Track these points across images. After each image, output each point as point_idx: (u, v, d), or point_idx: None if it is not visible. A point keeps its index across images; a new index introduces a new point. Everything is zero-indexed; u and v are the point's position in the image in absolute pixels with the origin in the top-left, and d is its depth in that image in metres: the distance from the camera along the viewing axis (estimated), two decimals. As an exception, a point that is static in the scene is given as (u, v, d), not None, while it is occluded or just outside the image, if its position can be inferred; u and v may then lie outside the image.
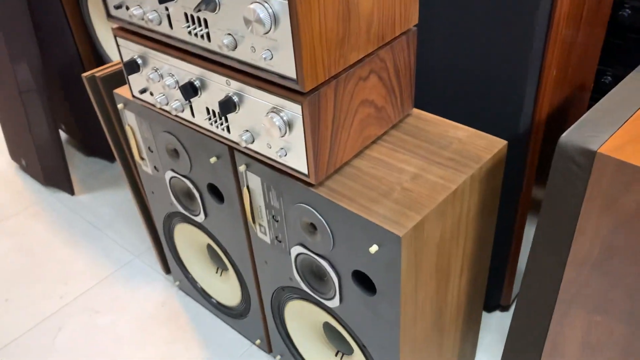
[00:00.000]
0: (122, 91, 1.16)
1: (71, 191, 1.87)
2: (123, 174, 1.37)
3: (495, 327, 1.35)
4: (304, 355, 1.19)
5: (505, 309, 1.39)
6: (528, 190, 1.15)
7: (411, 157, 0.90)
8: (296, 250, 0.97)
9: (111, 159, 2.03)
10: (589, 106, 1.33)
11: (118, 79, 1.27)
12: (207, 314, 1.44)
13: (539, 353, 0.96)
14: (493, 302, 1.36)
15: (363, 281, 0.90)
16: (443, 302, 0.97)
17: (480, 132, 0.95)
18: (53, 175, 1.86)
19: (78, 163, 2.02)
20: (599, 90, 1.31)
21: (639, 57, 1.23)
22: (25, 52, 1.63)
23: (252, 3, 0.71)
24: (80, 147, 2.09)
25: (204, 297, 1.41)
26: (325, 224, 0.87)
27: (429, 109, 1.11)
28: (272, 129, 0.81)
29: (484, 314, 1.38)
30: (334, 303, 0.97)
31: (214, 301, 1.38)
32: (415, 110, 1.02)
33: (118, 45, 1.02)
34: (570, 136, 0.74)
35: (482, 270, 1.06)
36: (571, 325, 0.87)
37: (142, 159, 1.23)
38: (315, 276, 1.00)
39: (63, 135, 2.13)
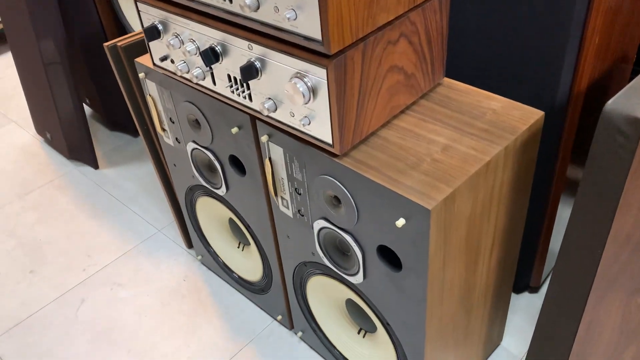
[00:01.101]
0: (143, 60, 1.14)
1: (95, 165, 1.87)
2: (146, 148, 1.36)
3: (524, 309, 1.31)
4: (326, 332, 1.16)
5: (534, 290, 1.34)
6: (563, 165, 1.09)
7: (442, 127, 0.86)
8: (319, 224, 0.93)
9: (135, 133, 2.02)
10: (631, 79, 1.26)
11: (140, 48, 1.25)
12: (229, 289, 1.42)
13: (571, 336, 0.91)
14: (522, 282, 1.31)
15: (388, 257, 0.87)
16: (472, 281, 0.93)
17: (516, 103, 0.89)
18: (77, 149, 1.85)
19: (102, 137, 2.02)
20: None
21: None
22: (49, 25, 1.62)
23: (275, -42, 0.67)
24: (104, 122, 2.09)
25: (225, 271, 1.39)
26: (350, 197, 0.83)
27: (460, 79, 1.06)
28: (296, 95, 0.77)
29: (512, 295, 1.34)
30: (357, 279, 0.94)
31: (236, 276, 1.37)
32: (447, 80, 0.97)
33: (139, 11, 0.99)
34: (616, 104, 0.69)
35: (513, 249, 1.02)
36: (609, 307, 0.82)
37: (164, 130, 1.21)
38: (338, 251, 0.97)
39: (87, 109, 2.13)
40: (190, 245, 1.55)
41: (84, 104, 1.97)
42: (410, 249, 0.79)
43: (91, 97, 1.97)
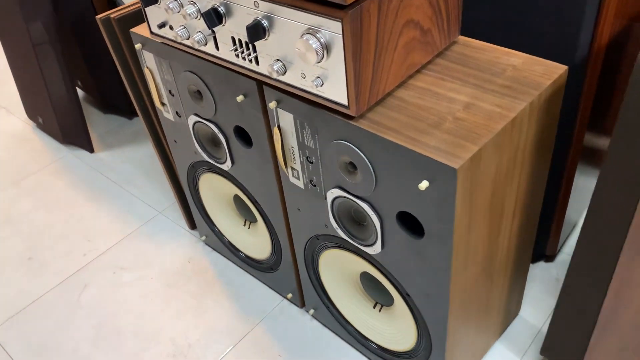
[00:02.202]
0: (139, 30, 1.08)
1: (90, 148, 1.81)
2: (144, 129, 1.30)
3: (540, 278, 1.27)
4: (340, 308, 1.13)
5: (550, 259, 1.31)
6: (581, 129, 1.05)
7: (461, 85, 0.81)
8: (333, 193, 0.89)
9: (129, 115, 1.96)
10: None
11: (134, 20, 1.19)
12: (235, 269, 1.38)
13: (599, 301, 0.88)
14: (538, 251, 1.27)
15: (408, 224, 0.83)
16: (494, 247, 0.89)
17: (537, 58, 0.85)
18: (71, 132, 1.80)
19: (96, 120, 1.96)
20: None
21: None
22: (37, 3, 1.55)
23: None
24: (98, 104, 2.02)
25: (231, 251, 1.35)
26: (367, 162, 0.78)
27: (476, 37, 1.01)
28: (308, 53, 0.72)
29: (530, 266, 1.30)
30: (374, 249, 0.90)
31: (243, 255, 1.32)
32: (462, 38, 0.92)
33: (133, -25, 0.93)
34: (654, 48, 0.64)
35: (534, 213, 0.98)
36: (638, 269, 0.78)
37: (163, 104, 1.16)
38: (353, 221, 0.92)
39: (80, 92, 2.07)
40: (193, 226, 1.50)
41: (76, 87, 1.90)
42: (433, 213, 0.75)
43: (83, 79, 1.91)
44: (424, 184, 0.72)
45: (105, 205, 1.61)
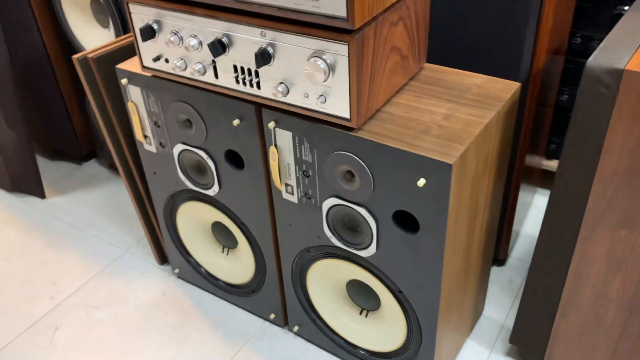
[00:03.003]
0: (124, 66, 1.14)
1: (42, 195, 1.78)
2: (117, 161, 1.33)
3: (495, 280, 1.42)
4: (327, 319, 1.20)
5: (502, 263, 1.46)
6: (525, 144, 1.22)
7: (437, 101, 0.95)
8: (329, 202, 0.98)
9: (79, 160, 1.95)
10: (564, 67, 1.44)
11: (111, 59, 1.24)
12: (212, 298, 1.41)
13: (562, 280, 1.02)
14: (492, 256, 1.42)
15: (401, 223, 0.93)
16: (471, 241, 1.02)
17: (494, 77, 1.01)
18: (21, 179, 1.76)
19: (44, 168, 1.93)
20: (570, 52, 1.42)
21: (606, 18, 1.34)
22: (-10, 47, 1.55)
23: (304, -58, 0.73)
24: (44, 151, 2.00)
25: (208, 280, 1.38)
26: (366, 168, 0.89)
27: (439, 63, 1.16)
28: (316, 73, 0.83)
29: (483, 270, 1.45)
30: (369, 251, 0.99)
31: (221, 283, 1.36)
32: (427, 64, 1.07)
33: (130, 14, 1.01)
34: (596, 60, 0.81)
35: (496, 214, 1.12)
36: (596, 242, 0.94)
37: (145, 137, 1.21)
38: (346, 228, 1.02)
39: (22, 140, 2.03)
40: (162, 261, 1.52)
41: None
42: (429, 208, 0.86)
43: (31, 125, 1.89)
44: (422, 181, 0.83)
45: (66, 248, 1.59)
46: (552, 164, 1.60)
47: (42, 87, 1.75)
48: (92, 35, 1.56)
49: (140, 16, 0.99)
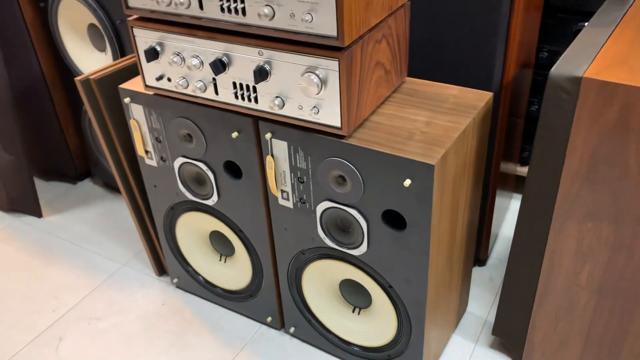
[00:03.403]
0: (126, 86, 1.22)
1: (39, 214, 1.83)
2: (117, 177, 1.40)
3: (477, 280, 1.51)
4: (321, 319, 1.27)
5: (483, 263, 1.56)
6: (499, 152, 1.33)
7: (418, 110, 1.05)
8: (323, 206, 1.07)
9: (74, 180, 2.01)
10: (533, 80, 1.56)
11: (111, 80, 1.32)
12: (210, 306, 1.48)
13: (537, 271, 1.12)
14: (473, 257, 1.51)
15: (390, 222, 1.02)
16: (453, 238, 1.11)
17: (469, 88, 1.11)
18: (19, 199, 1.82)
19: (40, 187, 1.99)
20: (538, 66, 1.54)
21: (569, 33, 1.47)
22: (-10, 72, 1.62)
23: (298, -29, 0.83)
24: (39, 173, 2.05)
25: (206, 288, 1.45)
26: (357, 172, 0.98)
27: (417, 77, 1.26)
28: (310, 87, 0.92)
29: (466, 271, 1.54)
30: (360, 250, 1.08)
31: (219, 290, 1.43)
32: (408, 78, 1.17)
33: (134, 38, 1.09)
34: (558, 69, 0.92)
35: (475, 215, 1.22)
36: (566, 235, 1.03)
37: (147, 152, 1.28)
38: (339, 229, 1.10)
39: (17, 162, 2.08)
40: (161, 272, 1.58)
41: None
42: (414, 206, 0.95)
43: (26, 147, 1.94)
44: (407, 182, 0.92)
45: (65, 264, 1.64)
46: (526, 170, 1.71)
47: (38, 109, 1.81)
48: (88, 59, 1.64)
49: (144, 39, 1.08)
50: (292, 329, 1.34)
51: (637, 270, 1.00)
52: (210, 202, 1.25)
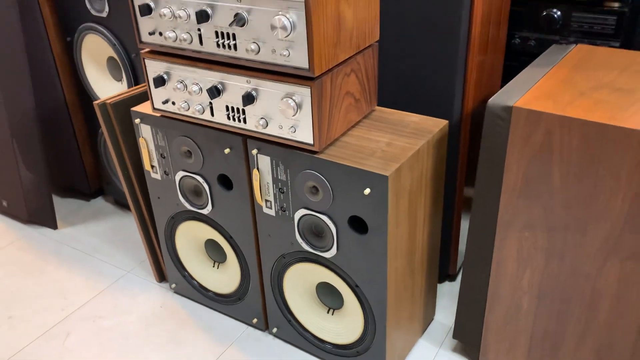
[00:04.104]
0: (137, 109, 1.42)
1: (54, 226, 2.02)
2: (125, 190, 1.59)
3: (447, 293, 1.66)
4: (300, 319, 1.43)
5: (452, 278, 1.71)
6: (462, 174, 1.50)
7: (383, 133, 1.23)
8: (300, 213, 1.24)
9: (88, 197, 2.20)
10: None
11: (125, 104, 1.53)
12: (204, 309, 1.64)
13: (487, 279, 1.27)
14: (443, 272, 1.67)
15: (355, 228, 1.19)
16: (413, 247, 1.27)
17: (428, 117, 1.30)
18: (37, 212, 2.00)
19: (56, 203, 2.18)
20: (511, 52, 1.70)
21: (539, 18, 1.62)
22: (19, 96, 1.83)
23: (277, 15, 1.03)
24: (56, 189, 2.25)
25: (200, 292, 1.61)
26: (327, 183, 1.16)
27: (386, 106, 1.45)
28: (287, 110, 1.11)
29: (438, 285, 1.69)
30: (331, 253, 1.24)
31: (211, 293, 1.59)
32: (378, 107, 1.35)
33: (145, 67, 1.30)
34: (495, 99, 1.10)
35: (437, 228, 1.38)
36: (508, 244, 1.20)
37: (152, 166, 1.47)
38: (313, 234, 1.27)
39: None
40: (161, 279, 1.75)
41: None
42: (373, 212, 1.12)
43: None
44: (367, 190, 1.10)
45: (76, 270, 1.82)
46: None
47: (59, 132, 2.02)
48: (106, 87, 1.86)
49: (153, 68, 1.28)
50: (274, 329, 1.50)
51: (569, 275, 1.15)
52: (205, 212, 1.43)
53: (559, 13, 1.54)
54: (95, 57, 1.82)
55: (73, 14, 1.77)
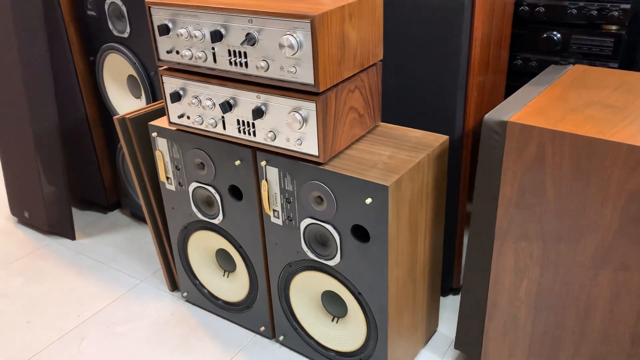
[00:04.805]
0: (154, 123, 1.50)
1: (73, 237, 2.10)
2: (142, 201, 1.66)
3: (450, 306, 1.69)
4: (305, 327, 1.48)
5: (456, 292, 1.74)
6: (464, 195, 1.55)
7: (385, 147, 1.29)
8: (305, 222, 1.30)
9: (105, 210, 2.29)
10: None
11: (143, 119, 1.61)
12: (213, 317, 1.69)
13: (486, 288, 1.31)
14: (447, 286, 1.71)
15: (358, 236, 1.25)
16: (414, 256, 1.32)
17: (430, 132, 1.36)
18: (57, 223, 2.09)
19: (74, 216, 2.26)
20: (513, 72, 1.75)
21: (540, 40, 1.67)
22: (44, 112, 1.93)
23: (285, 34, 1.10)
24: (75, 202, 2.34)
25: (210, 300, 1.67)
26: (331, 193, 1.22)
27: (390, 122, 1.52)
28: (294, 123, 1.18)
29: (441, 298, 1.73)
30: (335, 261, 1.30)
31: (221, 302, 1.65)
32: (382, 123, 1.42)
33: (162, 83, 1.38)
34: (491, 115, 1.16)
35: (438, 241, 1.43)
36: (505, 255, 1.24)
37: (168, 178, 1.55)
38: (318, 243, 1.33)
39: (57, 193, 2.37)
40: (173, 288, 1.81)
41: (58, 186, 2.22)
42: (375, 221, 1.18)
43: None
44: (368, 200, 1.16)
45: (92, 278, 1.89)
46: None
47: (80, 146, 2.12)
48: (126, 104, 1.95)
49: (170, 84, 1.37)
50: (281, 337, 1.55)
51: (563, 285, 1.19)
52: (216, 221, 1.50)
53: (558, 35, 1.60)
54: (116, 75, 1.92)
55: (96, 35, 1.88)
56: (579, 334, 1.21)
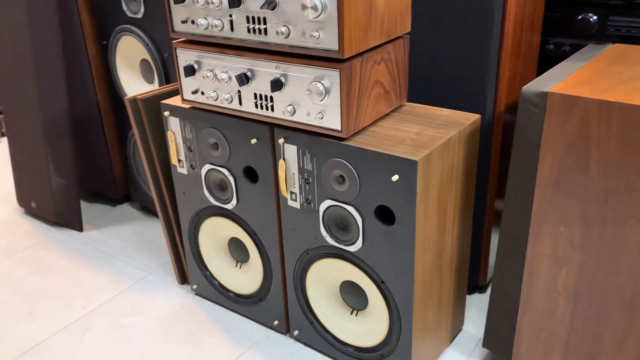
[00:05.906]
0: (167, 102, 1.43)
1: (80, 228, 2.03)
2: (152, 188, 1.58)
3: (476, 305, 1.59)
4: (322, 320, 1.38)
5: (482, 290, 1.64)
6: (493, 182, 1.45)
7: (412, 125, 1.20)
8: (325, 204, 1.21)
9: (113, 203, 2.21)
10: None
11: (154, 101, 1.54)
12: (224, 310, 1.60)
13: (519, 278, 1.21)
14: (473, 283, 1.60)
15: (382, 218, 1.15)
16: (442, 243, 1.23)
17: (459, 111, 1.27)
18: (65, 214, 2.02)
19: (82, 208, 2.19)
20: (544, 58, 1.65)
21: (573, 23, 1.58)
22: (55, 99, 1.87)
23: (308, -5, 1.03)
24: (84, 194, 2.27)
25: (221, 292, 1.58)
26: (354, 171, 1.13)
27: (416, 102, 1.43)
28: (316, 94, 1.10)
29: (468, 296, 1.62)
30: (356, 246, 1.20)
31: (232, 294, 1.56)
32: (408, 103, 1.33)
33: (176, 57, 1.31)
34: (529, 87, 1.07)
35: (467, 230, 1.33)
36: (542, 241, 1.14)
37: (179, 160, 1.47)
38: (338, 228, 1.24)
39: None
40: (183, 281, 1.72)
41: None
42: (401, 201, 1.09)
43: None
44: (395, 177, 1.07)
45: (98, 270, 1.81)
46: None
47: (89, 135, 2.05)
48: (138, 89, 1.88)
49: (184, 57, 1.29)
50: (296, 332, 1.45)
51: (606, 274, 1.09)
52: (230, 206, 1.41)
53: (595, 17, 1.51)
54: (128, 59, 1.86)
55: (110, 17, 1.82)
56: (624, 328, 1.10)
